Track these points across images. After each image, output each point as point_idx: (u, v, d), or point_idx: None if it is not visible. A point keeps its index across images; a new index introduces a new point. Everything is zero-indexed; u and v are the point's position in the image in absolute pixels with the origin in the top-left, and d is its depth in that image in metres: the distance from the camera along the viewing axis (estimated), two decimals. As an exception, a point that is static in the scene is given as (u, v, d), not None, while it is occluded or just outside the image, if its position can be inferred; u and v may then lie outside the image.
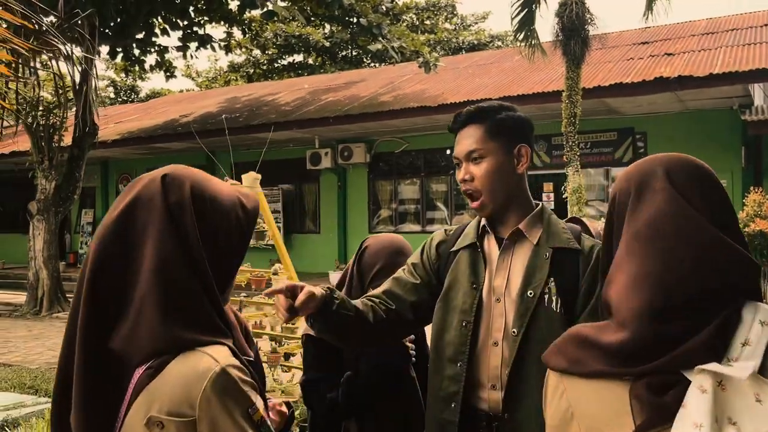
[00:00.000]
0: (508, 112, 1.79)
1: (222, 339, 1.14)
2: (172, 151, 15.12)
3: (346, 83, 16.83)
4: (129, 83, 31.62)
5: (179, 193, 1.17)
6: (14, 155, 14.90)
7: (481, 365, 1.70)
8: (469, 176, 1.76)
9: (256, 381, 1.17)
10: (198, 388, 1.07)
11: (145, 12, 12.24)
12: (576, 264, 1.70)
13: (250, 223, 1.27)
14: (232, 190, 1.26)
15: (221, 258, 1.20)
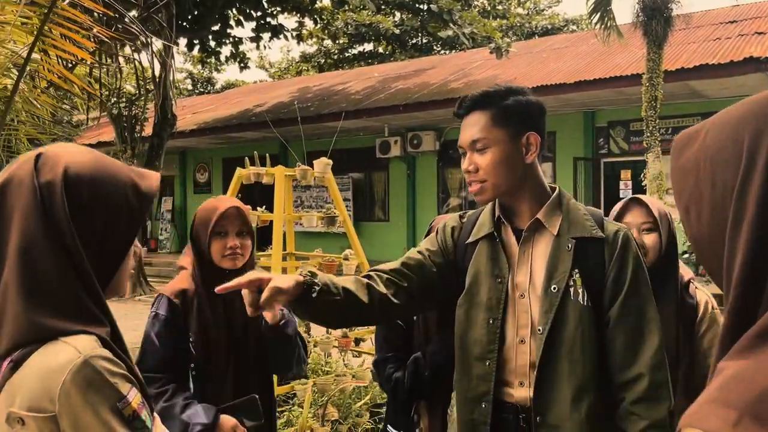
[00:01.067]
0: (517, 96, 1.66)
1: (91, 328, 1.06)
2: (246, 141, 15.49)
3: (416, 71, 16.74)
4: (205, 75, 32.62)
5: (51, 173, 1.09)
6: (100, 145, 15.65)
7: (508, 364, 1.64)
8: (474, 167, 1.64)
9: (132, 373, 1.09)
10: (57, 382, 1.00)
11: (221, 4, 12.54)
12: (601, 253, 1.61)
13: (142, 205, 1.17)
14: (126, 171, 1.18)
15: (103, 241, 1.12)
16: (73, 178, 1.09)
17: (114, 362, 1.05)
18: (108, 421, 1.02)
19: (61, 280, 1.05)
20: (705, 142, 0.71)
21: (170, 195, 18.55)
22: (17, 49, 3.11)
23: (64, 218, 1.06)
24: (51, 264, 1.04)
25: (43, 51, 3.16)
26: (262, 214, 3.88)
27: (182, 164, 18.46)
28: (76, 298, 1.06)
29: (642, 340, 1.56)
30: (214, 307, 2.12)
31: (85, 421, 1.01)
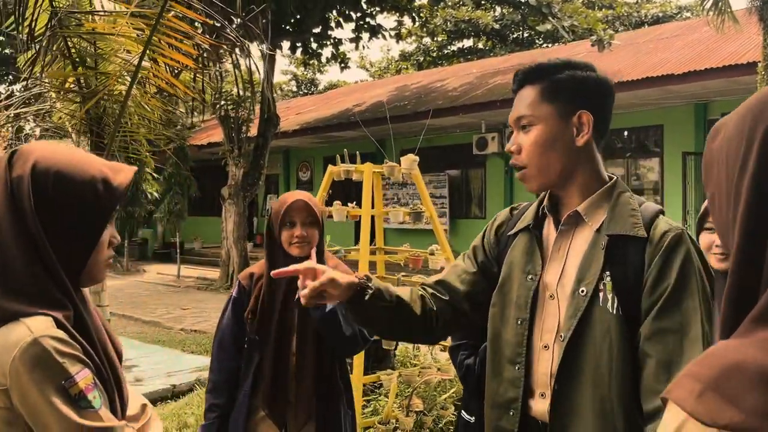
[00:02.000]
0: (574, 70, 1.45)
1: (50, 311, 1.12)
2: (345, 140, 15.87)
3: (515, 65, 16.44)
4: (309, 77, 33.66)
5: (21, 170, 1.17)
6: (210, 146, 16.60)
7: (532, 370, 1.46)
8: (516, 147, 1.47)
9: (84, 352, 1.14)
10: (8, 358, 1.07)
11: (321, 7, 12.94)
12: (640, 255, 1.35)
13: (111, 198, 1.23)
14: (98, 166, 1.24)
15: (70, 231, 1.19)
16: (40, 173, 1.17)
17: (66, 343, 1.11)
18: (52, 400, 1.07)
19: (25, 267, 1.13)
20: (725, 133, 0.72)
21: (275, 192, 19.33)
22: (129, 58, 3.42)
23: (29, 210, 1.15)
24: (16, 252, 1.13)
25: (152, 59, 3.45)
26: (352, 209, 4.01)
27: (286, 163, 19.17)
28: (38, 283, 1.14)
29: (676, 364, 1.26)
30: (273, 289, 2.31)
31: (31, 396, 1.07)
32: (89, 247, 1.23)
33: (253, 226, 19.14)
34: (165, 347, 7.53)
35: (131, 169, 1.30)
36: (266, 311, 2.29)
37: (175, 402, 5.42)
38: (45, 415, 1.08)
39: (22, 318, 1.10)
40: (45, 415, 1.08)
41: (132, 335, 8.29)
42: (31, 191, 1.16)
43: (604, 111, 1.46)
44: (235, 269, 12.89)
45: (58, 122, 4.21)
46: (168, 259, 17.73)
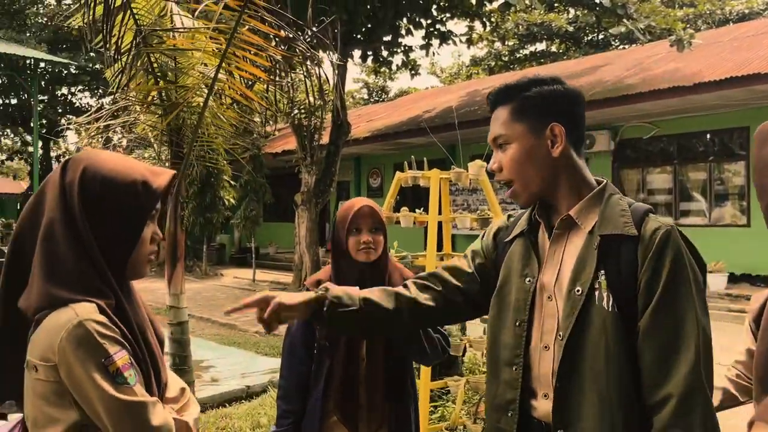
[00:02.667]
0: (541, 86, 1.52)
1: (94, 298, 1.27)
2: (415, 146, 15.93)
3: (589, 68, 16.07)
4: (379, 84, 33.96)
5: (72, 175, 1.32)
6: (284, 154, 17.03)
7: (533, 371, 1.51)
8: (497, 165, 1.55)
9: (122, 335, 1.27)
10: (57, 338, 1.22)
11: (391, 15, 13.06)
12: (633, 253, 1.40)
13: (151, 199, 1.37)
14: (140, 170, 1.38)
15: (114, 228, 1.33)
16: (88, 178, 1.32)
17: (106, 326, 1.26)
18: (93, 375, 1.21)
19: (74, 261, 1.28)
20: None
21: (346, 199, 19.56)
22: (206, 71, 3.59)
23: (78, 211, 1.30)
24: (66, 249, 1.28)
25: (228, 72, 3.60)
26: (419, 215, 4.04)
27: (357, 170, 19.41)
28: (84, 276, 1.28)
29: (674, 356, 1.34)
30: None
31: (75, 371, 1.21)
32: (131, 243, 1.36)
33: (324, 232, 19.48)
34: (240, 349, 7.77)
35: (170, 173, 1.44)
36: None
37: (249, 402, 5.58)
38: (87, 388, 1.22)
39: (71, 304, 1.25)
40: (87, 388, 1.22)
41: (209, 337, 8.60)
42: (79, 194, 1.31)
43: (575, 120, 1.53)
44: (308, 274, 13.15)
45: (142, 133, 4.45)
46: (244, 263, 18.27)
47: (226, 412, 5.26)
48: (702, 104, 11.17)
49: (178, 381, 1.54)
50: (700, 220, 12.34)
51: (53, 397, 1.23)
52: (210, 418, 5.09)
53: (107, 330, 1.25)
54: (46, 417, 1.24)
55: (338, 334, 1.86)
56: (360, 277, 2.33)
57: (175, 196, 3.83)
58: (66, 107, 27.04)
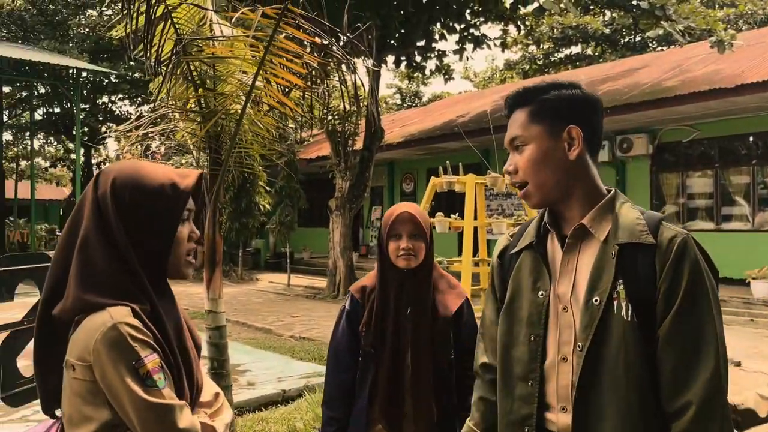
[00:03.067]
0: (559, 90, 1.51)
1: (129, 302, 1.31)
2: (448, 151, 15.88)
3: (626, 71, 15.83)
4: (413, 89, 33.98)
5: (104, 186, 1.38)
6: (318, 159, 17.17)
7: (550, 384, 1.48)
8: (513, 167, 1.53)
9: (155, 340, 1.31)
10: (92, 339, 1.27)
11: (425, 20, 13.07)
12: (651, 262, 1.39)
13: (180, 199, 1.41)
14: (167, 173, 1.42)
15: (148, 232, 1.38)
16: (119, 187, 1.38)
17: (139, 330, 1.29)
18: (124, 377, 1.25)
19: (108, 268, 1.33)
20: None
21: (379, 204, 19.64)
22: (244, 79, 3.64)
23: (113, 219, 1.35)
24: (102, 258, 1.33)
25: (265, 80, 3.64)
26: (454, 221, 4.02)
27: (390, 175, 19.44)
28: (120, 281, 1.33)
29: (695, 363, 1.34)
30: (386, 302, 2.33)
31: (108, 372, 1.26)
32: (167, 244, 1.41)
33: (358, 237, 19.54)
34: (276, 353, 7.84)
35: (197, 173, 1.49)
36: (380, 324, 2.31)
37: (285, 407, 5.62)
38: (118, 389, 1.26)
39: (108, 308, 1.30)
40: (118, 389, 1.26)
41: (245, 341, 8.69)
42: (112, 203, 1.36)
43: (592, 125, 1.52)
44: (342, 279, 13.21)
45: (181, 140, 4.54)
46: (279, 268, 18.45)
47: (262, 416, 5.31)
48: (744, 106, 10.89)
49: (213, 386, 1.57)
50: (743, 225, 12.02)
51: (88, 396, 1.28)
52: (246, 422, 5.14)
53: (139, 333, 1.29)
54: (81, 415, 1.29)
55: None
56: (401, 284, 2.33)
57: (214, 202, 3.89)
58: (106, 115, 27.73)
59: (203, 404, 1.48)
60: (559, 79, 1.59)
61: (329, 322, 11.31)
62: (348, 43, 3.78)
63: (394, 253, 2.31)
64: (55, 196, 33.68)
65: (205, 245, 3.99)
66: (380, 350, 2.28)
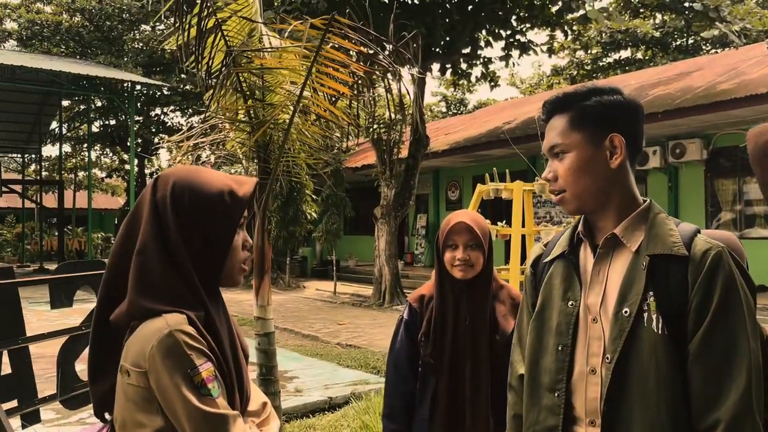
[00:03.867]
0: (601, 96, 1.47)
1: (184, 309, 1.30)
2: (495, 158, 15.76)
3: (678, 74, 15.41)
4: (458, 97, 33.88)
5: (163, 191, 1.37)
6: (364, 168, 17.28)
7: (578, 396, 1.44)
8: (552, 175, 1.49)
9: (209, 348, 1.30)
10: (148, 346, 1.25)
11: (470, 27, 13.03)
12: (683, 274, 1.35)
13: (238, 207, 1.39)
14: (225, 180, 1.41)
15: (206, 239, 1.36)
16: (178, 191, 1.37)
17: (194, 338, 1.28)
18: (179, 385, 1.24)
19: (165, 274, 1.33)
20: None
21: (424, 212, 19.61)
22: (292, 89, 3.70)
23: (172, 224, 1.34)
24: (157, 262, 1.33)
25: (312, 89, 3.69)
26: (501, 228, 3.99)
27: (435, 182, 19.40)
28: (175, 288, 1.33)
29: (726, 380, 1.29)
30: (445, 312, 2.29)
31: (163, 379, 1.25)
32: (224, 251, 1.40)
33: (404, 245, 19.54)
34: (322, 360, 7.89)
35: (253, 181, 1.48)
36: (439, 334, 2.28)
37: (332, 414, 5.64)
38: (172, 396, 1.25)
39: (164, 314, 1.30)
40: (172, 396, 1.25)
41: (292, 348, 8.78)
42: (171, 208, 1.35)
43: (634, 132, 1.48)
44: (387, 286, 13.22)
45: (231, 150, 4.63)
46: (325, 275, 18.59)
47: (309, 422, 5.34)
48: (805, 109, 10.47)
49: (260, 395, 1.56)
50: None
51: (142, 403, 1.27)
52: (294, 428, 5.18)
53: (194, 341, 1.28)
54: (134, 421, 1.28)
55: None
56: (459, 295, 2.30)
57: (262, 210, 3.95)
58: (159, 127, 28.56)
59: (251, 413, 1.47)
60: (598, 84, 1.55)
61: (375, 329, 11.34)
62: (394, 51, 3.80)
63: (450, 263, 2.28)
64: (111, 206, 34.80)
65: (254, 253, 4.05)
66: (439, 361, 2.26)
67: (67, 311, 3.76)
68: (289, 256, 17.42)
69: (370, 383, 6.49)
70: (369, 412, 5.07)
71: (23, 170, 29.00)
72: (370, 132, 12.86)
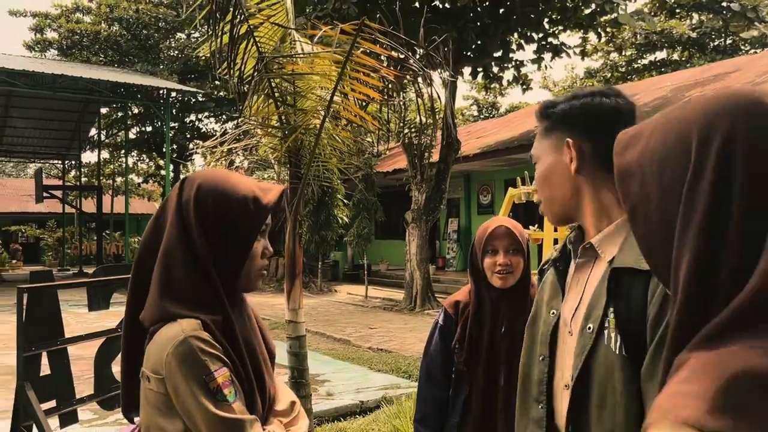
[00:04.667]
0: (582, 99, 1.37)
1: (201, 314, 1.30)
2: (526, 162, 15.55)
3: (715, 75, 15.09)
4: (489, 100, 33.69)
5: (188, 193, 1.38)
6: (395, 172, 17.29)
7: (557, 409, 1.39)
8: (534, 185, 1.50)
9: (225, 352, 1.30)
10: (165, 352, 1.27)
11: (502, 31, 12.96)
12: (644, 289, 1.23)
13: (261, 214, 1.39)
14: (250, 186, 1.41)
15: (227, 243, 1.37)
16: (203, 196, 1.37)
17: (209, 343, 1.29)
18: (195, 391, 1.25)
19: (186, 275, 1.33)
20: (650, 144, 0.71)
21: (456, 216, 19.52)
22: (323, 94, 3.73)
23: (194, 227, 1.35)
24: (180, 263, 1.34)
25: (343, 95, 3.72)
26: (533, 232, 3.95)
27: (467, 187, 19.30)
28: (195, 290, 1.33)
29: None
30: (480, 318, 2.27)
31: (179, 386, 1.26)
32: (243, 257, 1.40)
33: (435, 249, 19.47)
34: (354, 364, 7.91)
35: (279, 188, 1.47)
36: (474, 341, 2.25)
37: (363, 418, 5.65)
38: (188, 403, 1.26)
39: (180, 319, 1.31)
40: (188, 403, 1.26)
41: (324, 351, 8.82)
42: (195, 211, 1.36)
43: (602, 137, 1.32)
44: (418, 291, 13.19)
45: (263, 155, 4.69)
46: (357, 279, 18.64)
47: (340, 426, 5.36)
48: None
49: (289, 394, 1.56)
50: None
51: (163, 408, 1.29)
52: (325, 431, 5.20)
53: (209, 347, 1.28)
54: (157, 426, 1.30)
55: None
56: (497, 302, 2.26)
57: (294, 215, 3.99)
58: (193, 132, 29.05)
59: (279, 413, 1.47)
60: (586, 88, 1.45)
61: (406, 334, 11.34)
62: (424, 55, 3.80)
63: (490, 269, 2.23)
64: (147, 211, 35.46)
65: (285, 257, 4.09)
66: (473, 369, 2.23)
67: (104, 313, 3.85)
68: (321, 260, 17.52)
69: (401, 387, 6.49)
70: (400, 416, 5.06)
71: (63, 176, 29.77)
72: (401, 136, 12.87)
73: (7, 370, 6.71)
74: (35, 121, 23.99)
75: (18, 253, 28.38)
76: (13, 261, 26.04)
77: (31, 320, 3.19)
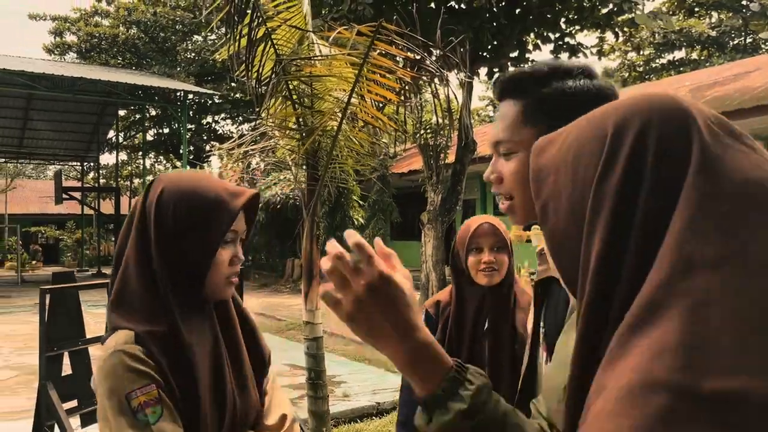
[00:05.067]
0: (563, 81, 1.08)
1: (138, 325, 1.23)
2: (544, 162, 15.51)
3: (735, 75, 14.90)
4: (506, 101, 33.57)
5: (152, 195, 1.32)
6: (410, 173, 17.28)
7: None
8: (496, 176, 1.14)
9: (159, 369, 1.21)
10: (98, 366, 1.24)
11: (518, 31, 12.91)
12: (566, 300, 1.14)
13: (224, 220, 1.30)
14: (218, 190, 1.32)
15: (188, 250, 1.29)
16: (165, 199, 1.30)
17: (136, 359, 1.21)
18: (114, 408, 1.18)
19: (137, 283, 1.27)
20: (566, 142, 0.71)
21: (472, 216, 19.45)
22: (340, 96, 3.73)
23: (152, 232, 1.29)
24: (132, 270, 1.28)
25: (360, 96, 3.72)
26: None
27: (482, 187, 19.23)
28: (143, 299, 1.26)
29: None
30: (461, 319, 2.24)
31: (102, 401, 1.21)
32: (204, 264, 1.31)
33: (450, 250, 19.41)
34: (370, 366, 7.91)
35: (249, 193, 1.37)
36: (454, 342, 2.22)
37: (380, 419, 5.65)
38: (107, 419, 1.20)
39: (119, 330, 1.26)
40: (107, 419, 1.20)
41: (341, 353, 8.83)
42: (155, 215, 1.30)
43: None
44: (434, 291, 13.17)
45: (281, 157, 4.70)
46: (372, 281, 18.61)
47: (357, 428, 5.36)
48: None
49: (282, 407, 1.47)
50: None
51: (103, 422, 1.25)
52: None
53: (136, 362, 1.21)
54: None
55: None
56: (480, 301, 2.23)
57: (311, 216, 4.00)
58: (210, 135, 29.26)
59: (269, 428, 1.40)
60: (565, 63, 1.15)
61: (423, 335, 11.21)
62: (441, 56, 3.80)
63: (474, 267, 2.20)
64: (164, 212, 35.80)
65: (303, 258, 4.10)
66: None
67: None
68: (337, 261, 17.52)
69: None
70: (417, 418, 5.05)
71: (82, 178, 30.13)
72: (417, 137, 12.86)
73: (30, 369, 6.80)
74: (55, 123, 24.31)
75: (38, 254, 28.80)
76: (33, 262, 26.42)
77: (53, 321, 3.23)
